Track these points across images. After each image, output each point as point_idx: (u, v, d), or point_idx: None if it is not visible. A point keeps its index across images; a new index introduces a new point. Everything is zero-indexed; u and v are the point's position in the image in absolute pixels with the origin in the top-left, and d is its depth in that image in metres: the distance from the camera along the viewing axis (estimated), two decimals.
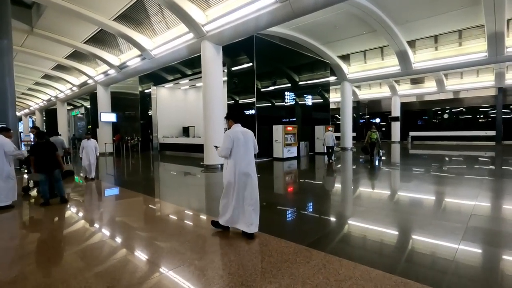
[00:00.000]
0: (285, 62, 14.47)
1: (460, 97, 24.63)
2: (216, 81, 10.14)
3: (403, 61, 15.30)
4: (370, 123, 29.67)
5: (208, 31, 9.61)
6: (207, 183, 8.36)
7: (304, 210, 5.08)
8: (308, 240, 3.42)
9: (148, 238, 3.73)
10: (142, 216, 5.00)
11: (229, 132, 3.63)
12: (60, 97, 24.58)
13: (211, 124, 10.15)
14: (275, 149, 12.92)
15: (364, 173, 9.68)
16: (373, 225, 4.03)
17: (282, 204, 5.68)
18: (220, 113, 10.25)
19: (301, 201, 5.79)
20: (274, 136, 12.89)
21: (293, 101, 14.61)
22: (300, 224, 4.31)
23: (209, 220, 4.18)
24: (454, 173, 8.79)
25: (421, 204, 5.43)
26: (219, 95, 10.24)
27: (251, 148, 3.70)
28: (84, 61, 16.88)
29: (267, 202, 5.77)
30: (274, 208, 5.27)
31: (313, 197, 6.11)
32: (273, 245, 3.27)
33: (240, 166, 3.51)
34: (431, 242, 3.39)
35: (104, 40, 13.46)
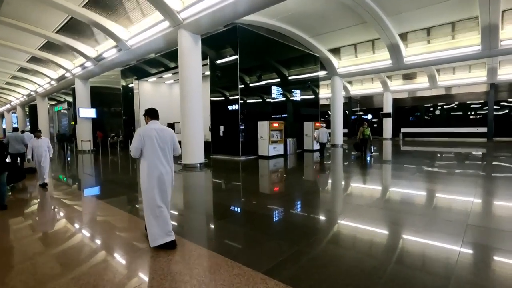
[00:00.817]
0: (272, 55, 13.75)
1: (452, 93, 24.30)
2: (194, 73, 9.39)
3: (395, 55, 14.74)
4: (362, 119, 29.28)
5: (184, 19, 8.83)
6: (182, 185, 7.65)
7: (277, 219, 4.44)
8: (270, 263, 2.76)
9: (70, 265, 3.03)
10: (70, 231, 4.29)
11: (140, 129, 3.24)
12: (39, 91, 23.41)
13: (188, 120, 9.42)
14: (260, 147, 12.26)
15: (355, 172, 9.10)
16: (362, 249, 3.35)
17: (252, 211, 5.02)
18: (198, 108, 9.52)
19: (276, 208, 5.14)
20: (259, 133, 12.22)
21: (280, 96, 13.93)
22: (267, 240, 3.65)
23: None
24: (447, 172, 8.27)
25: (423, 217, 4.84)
26: (197, 88, 9.50)
27: (168, 147, 3.29)
28: (60, 53, 15.86)
29: (234, 208, 5.13)
30: (241, 217, 4.62)
31: (291, 203, 5.47)
32: (223, 270, 2.61)
33: (154, 167, 3.15)
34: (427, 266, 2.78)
35: (77, 29, 12.51)
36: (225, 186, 7.30)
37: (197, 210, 5.18)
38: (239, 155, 11.76)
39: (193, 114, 9.42)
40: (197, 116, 9.51)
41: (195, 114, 9.45)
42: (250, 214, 4.68)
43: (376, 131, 27.82)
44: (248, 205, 5.37)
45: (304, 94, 15.74)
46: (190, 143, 9.48)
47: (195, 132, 9.49)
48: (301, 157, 12.87)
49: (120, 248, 3.29)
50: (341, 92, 18.83)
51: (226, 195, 6.38)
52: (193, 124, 9.44)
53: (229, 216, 4.66)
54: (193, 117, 9.42)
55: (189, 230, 4.02)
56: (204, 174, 8.87)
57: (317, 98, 17.16)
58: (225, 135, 12.35)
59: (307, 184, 7.47)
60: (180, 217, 4.64)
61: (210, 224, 4.34)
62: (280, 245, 3.22)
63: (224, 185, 7.44)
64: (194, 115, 9.44)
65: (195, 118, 9.47)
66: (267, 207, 5.09)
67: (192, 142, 9.48)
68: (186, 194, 6.53)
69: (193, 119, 9.42)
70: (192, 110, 9.40)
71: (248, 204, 5.45)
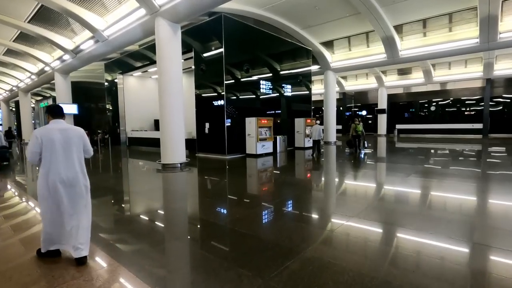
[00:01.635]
0: (261, 48, 13.02)
1: (447, 88, 23.83)
2: (173, 65, 8.65)
3: (390, 48, 14.12)
4: (356, 115, 28.77)
5: (160, 5, 8.06)
6: (154, 189, 6.97)
7: (251, 236, 3.79)
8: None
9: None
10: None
11: (37, 130, 2.79)
12: (21, 86, 22.39)
13: (167, 116, 8.70)
14: (248, 145, 11.59)
15: (346, 173, 8.50)
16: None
17: (219, 224, 4.37)
18: (178, 103, 8.80)
19: (253, 220, 4.51)
20: (246, 130, 11.54)
21: (270, 91, 13.25)
22: (227, 268, 3.00)
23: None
24: (447, 173, 7.71)
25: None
26: (177, 82, 8.76)
27: (75, 150, 2.87)
28: (37, 45, 14.94)
29: (203, 220, 4.47)
30: (206, 233, 3.97)
31: (273, 213, 4.83)
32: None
33: (55, 173, 2.74)
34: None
35: (51, 19, 11.64)
36: (202, 190, 6.65)
37: (156, 221, 4.52)
38: (225, 154, 11.08)
39: (173, 110, 8.70)
40: (177, 112, 8.80)
41: (175, 110, 8.73)
42: (216, 229, 4.02)
43: (370, 127, 27.35)
44: (220, 216, 4.71)
45: (295, 89, 15.07)
46: (170, 141, 8.78)
47: (175, 129, 8.78)
48: (291, 155, 12.25)
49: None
50: (335, 87, 18.22)
51: (200, 201, 5.72)
52: (172, 120, 8.72)
53: (192, 232, 4.01)
54: (172, 113, 8.71)
55: (124, 250, 3.36)
56: (183, 175, 8.19)
57: (310, 94, 16.51)
58: (210, 133, 11.66)
59: (292, 188, 6.83)
60: (125, 230, 3.97)
61: (160, 243, 3.68)
62: (241, 277, 2.57)
63: (201, 189, 6.79)
64: (174, 110, 8.72)
65: (175, 114, 8.75)
66: (241, 220, 4.44)
67: (172, 140, 8.78)
68: (154, 199, 5.86)
69: (172, 115, 8.71)
70: (171, 105, 8.68)
71: (220, 215, 4.80)
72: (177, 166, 8.82)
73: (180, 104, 8.87)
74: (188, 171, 8.66)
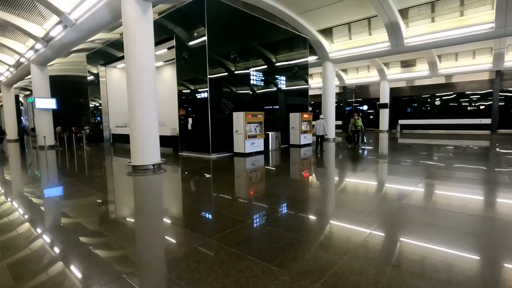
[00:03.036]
0: (252, 35, 11.74)
1: (453, 81, 22.52)
2: (143, 50, 7.42)
3: (394, 35, 12.83)
4: (357, 110, 27.52)
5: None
6: (110, 199, 5.80)
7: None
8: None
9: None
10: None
11: None
12: (1, 80, 21.15)
13: (137, 110, 7.50)
14: (235, 142, 10.40)
15: (350, 172, 7.31)
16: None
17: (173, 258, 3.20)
18: (150, 94, 7.59)
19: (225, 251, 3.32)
20: (234, 126, 10.34)
21: (261, 83, 12.00)
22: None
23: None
24: (467, 174, 6.51)
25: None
26: (148, 70, 7.53)
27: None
28: (9, 34, 13.70)
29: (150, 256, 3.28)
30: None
31: (260, 231, 3.65)
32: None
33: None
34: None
35: (16, 2, 10.40)
36: (171, 202, 5.47)
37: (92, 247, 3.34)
38: (209, 153, 9.90)
39: (144, 103, 7.50)
40: (149, 105, 7.59)
41: (146, 103, 7.53)
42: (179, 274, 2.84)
43: (372, 123, 26.12)
44: (188, 248, 3.53)
45: (291, 81, 13.81)
46: (140, 140, 7.58)
47: (146, 125, 7.58)
48: (285, 154, 11.06)
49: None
50: (334, 79, 16.92)
51: (161, 224, 4.54)
52: (143, 115, 7.52)
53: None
54: (143, 107, 7.50)
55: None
56: (155, 180, 7.02)
57: (307, 87, 15.25)
58: (194, 129, 10.46)
59: (280, 196, 5.65)
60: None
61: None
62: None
63: (169, 200, 5.61)
64: (145, 103, 7.52)
65: (146, 108, 7.54)
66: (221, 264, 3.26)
67: (143, 138, 7.58)
68: (100, 216, 4.68)
69: (143, 109, 7.50)
70: (141, 97, 7.46)
71: (189, 245, 3.62)
72: (149, 168, 7.65)
73: (152, 96, 7.66)
74: (162, 174, 7.48)
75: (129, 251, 3.09)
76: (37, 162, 10.77)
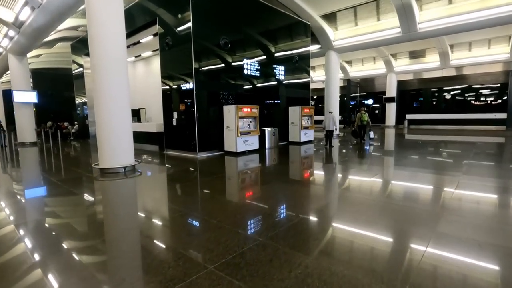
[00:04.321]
0: (246, 19, 10.44)
1: (465, 73, 21.09)
2: (110, 31, 6.21)
3: (406, 20, 11.48)
4: (362, 104, 26.18)
5: None
6: (83, 210, 4.63)
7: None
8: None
9: None
10: None
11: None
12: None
13: (104, 103, 6.32)
14: (226, 140, 9.21)
15: (354, 172, 6.10)
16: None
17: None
18: (121, 84, 6.40)
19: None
20: (225, 121, 9.14)
21: (257, 73, 10.73)
22: None
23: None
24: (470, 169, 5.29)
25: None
26: (117, 53, 6.33)
27: None
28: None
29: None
30: None
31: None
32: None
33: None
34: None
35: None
36: (125, 219, 4.30)
37: None
38: (195, 152, 8.71)
39: (112, 94, 6.32)
40: (120, 98, 6.41)
41: (115, 94, 6.35)
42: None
43: (377, 118, 24.78)
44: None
45: (290, 72, 12.52)
46: (108, 138, 6.42)
47: (115, 121, 6.42)
48: (283, 152, 9.85)
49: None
50: (338, 70, 15.59)
51: (121, 252, 3.36)
52: (111, 109, 6.35)
53: None
54: (111, 99, 6.32)
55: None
56: (124, 186, 5.86)
57: (308, 78, 13.95)
58: (179, 125, 9.26)
59: (283, 213, 4.46)
60: None
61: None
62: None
63: (125, 216, 4.44)
64: (114, 94, 6.34)
65: (116, 100, 6.37)
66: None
67: (111, 136, 6.42)
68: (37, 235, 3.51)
69: (111, 102, 6.33)
70: (109, 88, 6.28)
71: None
72: (120, 170, 6.50)
73: (123, 86, 6.47)
74: (135, 178, 6.32)
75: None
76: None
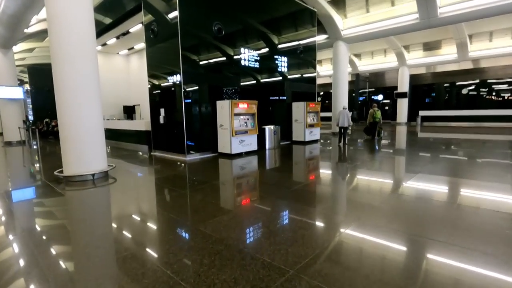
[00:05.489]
0: (243, 3, 9.25)
1: (483, 66, 19.55)
2: (72, 6, 5.12)
3: (425, 3, 10.15)
4: (371, 100, 24.80)
5: None
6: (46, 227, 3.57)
7: None
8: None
9: None
10: None
11: None
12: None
13: (64, 98, 5.25)
14: (220, 140, 8.10)
15: (378, 173, 4.94)
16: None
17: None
18: (90, 75, 5.33)
19: None
20: (218, 119, 8.03)
21: (256, 65, 9.57)
22: None
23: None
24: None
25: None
26: (83, 39, 5.25)
27: None
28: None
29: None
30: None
31: None
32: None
33: None
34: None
35: None
36: (79, 243, 3.22)
37: None
38: (184, 153, 7.63)
39: (78, 86, 5.25)
40: (88, 91, 5.34)
41: (80, 87, 5.27)
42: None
43: (388, 115, 23.38)
44: None
45: (294, 64, 11.32)
46: (73, 139, 5.36)
47: (82, 119, 5.35)
48: (286, 153, 8.71)
49: None
50: (347, 63, 14.27)
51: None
52: (76, 104, 5.28)
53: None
54: (76, 93, 5.25)
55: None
56: (88, 197, 4.81)
57: (314, 71, 12.71)
58: (167, 123, 8.18)
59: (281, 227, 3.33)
60: None
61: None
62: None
63: (79, 239, 3.36)
64: (80, 89, 5.27)
65: (83, 95, 5.30)
66: None
67: (77, 137, 5.36)
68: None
69: (75, 96, 5.26)
70: (74, 78, 5.21)
71: None
72: (88, 178, 5.45)
73: (92, 78, 5.39)
74: (105, 187, 5.26)
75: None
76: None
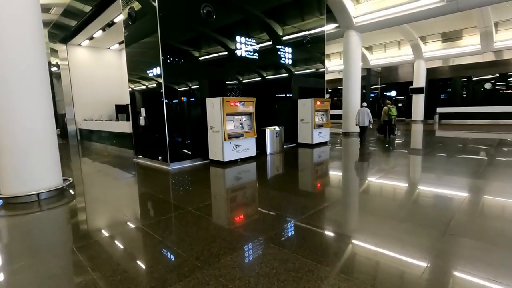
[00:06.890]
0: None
1: (509, 58, 17.77)
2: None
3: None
4: (384, 97, 23.20)
5: None
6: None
7: None
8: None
9: None
10: None
11: None
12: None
13: (3, 95, 4.08)
14: (211, 144, 6.83)
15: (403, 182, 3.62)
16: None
17: None
18: (32, 65, 4.13)
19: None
20: (208, 120, 6.76)
21: (255, 56, 8.26)
22: None
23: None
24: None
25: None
26: (19, 19, 4.05)
27: None
28: None
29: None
30: None
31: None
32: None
33: None
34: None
35: None
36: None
37: None
38: (167, 162, 6.40)
39: (11, 81, 4.06)
40: (29, 89, 4.14)
41: (22, 81, 4.08)
42: None
43: (401, 111, 21.75)
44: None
45: (300, 57, 9.95)
46: (10, 151, 4.17)
47: (19, 122, 4.16)
48: (291, 159, 7.40)
49: None
50: (359, 54, 12.74)
51: None
52: (12, 104, 4.09)
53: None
54: (13, 92, 4.06)
55: None
56: (25, 225, 3.61)
57: (322, 65, 11.30)
58: (148, 125, 6.96)
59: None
60: None
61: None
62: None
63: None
64: (19, 86, 4.08)
65: (22, 93, 4.11)
66: None
67: (16, 147, 4.17)
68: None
69: (13, 96, 4.07)
70: (9, 71, 4.02)
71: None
72: (33, 200, 4.26)
73: (37, 71, 4.19)
74: (52, 210, 4.06)
75: None
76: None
